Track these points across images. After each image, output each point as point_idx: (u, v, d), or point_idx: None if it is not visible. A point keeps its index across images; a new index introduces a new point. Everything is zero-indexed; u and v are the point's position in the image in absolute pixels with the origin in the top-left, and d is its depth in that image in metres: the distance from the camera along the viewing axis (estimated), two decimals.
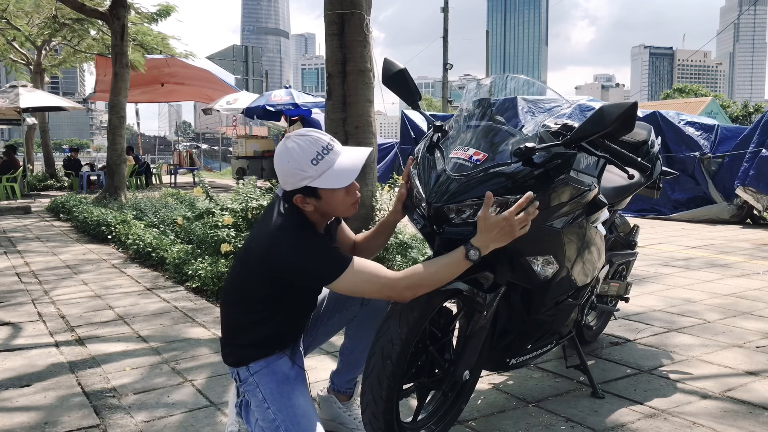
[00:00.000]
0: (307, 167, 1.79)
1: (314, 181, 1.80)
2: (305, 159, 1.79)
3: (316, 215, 1.90)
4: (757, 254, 6.20)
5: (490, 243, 1.83)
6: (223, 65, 24.45)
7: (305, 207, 1.86)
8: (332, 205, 1.86)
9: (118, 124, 11.18)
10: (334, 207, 1.88)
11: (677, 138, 9.72)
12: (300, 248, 1.80)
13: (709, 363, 2.98)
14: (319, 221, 1.93)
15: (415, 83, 2.31)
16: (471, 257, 1.82)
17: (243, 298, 1.94)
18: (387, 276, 1.82)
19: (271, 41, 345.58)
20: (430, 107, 60.92)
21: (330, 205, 1.86)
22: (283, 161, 1.83)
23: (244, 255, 1.94)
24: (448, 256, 1.85)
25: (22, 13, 16.28)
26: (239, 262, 1.99)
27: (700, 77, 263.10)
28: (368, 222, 4.62)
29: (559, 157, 2.01)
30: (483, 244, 1.83)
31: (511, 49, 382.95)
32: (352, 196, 1.90)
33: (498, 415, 2.42)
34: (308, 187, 1.82)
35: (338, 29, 4.66)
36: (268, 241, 1.84)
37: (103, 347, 3.33)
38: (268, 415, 1.87)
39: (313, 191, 1.83)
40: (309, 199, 1.84)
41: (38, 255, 6.44)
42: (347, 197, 1.88)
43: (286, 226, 1.85)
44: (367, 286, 1.81)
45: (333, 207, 1.87)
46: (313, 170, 1.80)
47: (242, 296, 1.95)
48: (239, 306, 1.96)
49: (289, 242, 1.81)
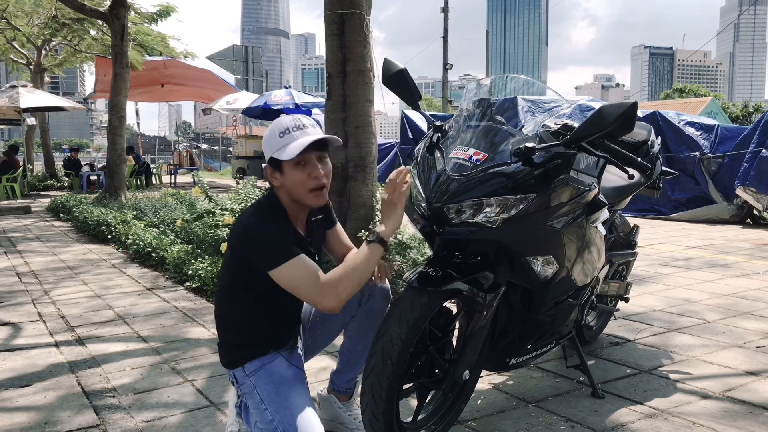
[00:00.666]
0: (275, 139, 1.89)
1: (275, 152, 1.88)
2: (276, 132, 1.89)
3: (285, 197, 1.94)
4: (757, 254, 6.20)
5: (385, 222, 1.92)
6: (223, 65, 24.45)
7: (273, 181, 1.94)
8: (293, 183, 1.90)
9: (118, 124, 11.18)
10: (295, 186, 1.90)
11: (677, 138, 9.71)
12: (256, 227, 1.86)
13: (709, 363, 2.98)
14: (291, 207, 1.95)
15: (415, 83, 2.31)
16: (370, 239, 1.90)
17: (227, 292, 2.00)
18: (321, 278, 1.84)
19: (271, 41, 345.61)
20: (430, 107, 60.91)
21: (291, 183, 1.90)
22: (267, 134, 1.95)
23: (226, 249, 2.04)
24: (358, 250, 1.93)
25: (22, 13, 16.28)
26: (223, 258, 2.07)
27: (700, 77, 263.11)
28: (368, 222, 4.62)
29: (559, 157, 2.01)
30: (379, 225, 1.92)
31: (511, 49, 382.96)
32: (313, 180, 1.90)
33: (498, 415, 2.42)
34: (273, 158, 1.90)
35: (338, 29, 4.66)
36: (237, 220, 1.97)
37: (103, 347, 3.33)
38: (265, 416, 1.87)
39: (278, 164, 1.90)
40: (276, 174, 1.91)
41: (38, 255, 6.44)
42: (308, 180, 1.89)
43: (256, 207, 1.96)
44: (304, 283, 1.82)
45: (294, 186, 1.90)
46: (278, 142, 1.88)
47: (226, 291, 2.00)
48: (225, 302, 2.01)
49: (249, 220, 1.90)
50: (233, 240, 1.93)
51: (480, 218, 1.94)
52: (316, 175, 1.90)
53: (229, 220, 4.92)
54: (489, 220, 1.94)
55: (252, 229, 1.86)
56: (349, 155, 4.62)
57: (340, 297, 1.83)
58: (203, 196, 5.64)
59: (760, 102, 59.26)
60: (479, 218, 1.94)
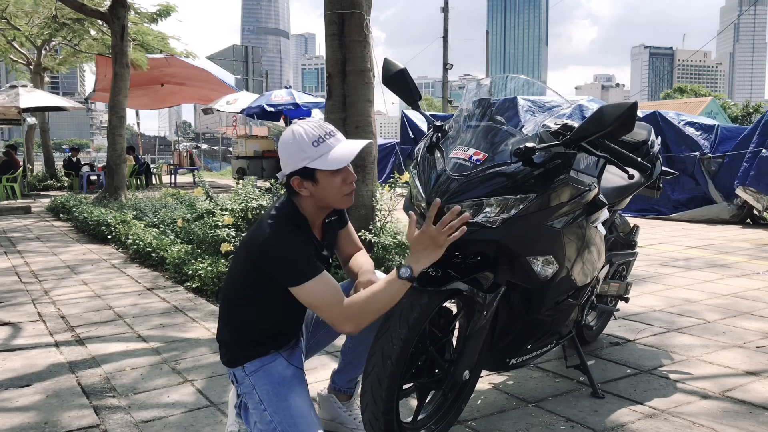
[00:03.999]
0: (308, 148, 1.83)
1: (313, 162, 1.83)
2: (308, 141, 1.84)
3: (310, 206, 1.91)
4: (758, 254, 6.20)
5: (420, 258, 1.80)
6: (223, 65, 24.41)
7: (301, 191, 1.88)
8: (328, 190, 1.87)
9: (118, 124, 11.18)
10: (330, 193, 1.88)
11: (677, 138, 9.71)
12: (278, 242, 1.82)
13: (709, 363, 2.98)
14: (312, 214, 1.94)
15: (415, 83, 2.31)
16: (402, 275, 1.79)
17: (234, 293, 1.98)
18: (342, 303, 1.81)
19: (271, 41, 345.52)
20: (430, 107, 60.92)
21: (325, 191, 1.87)
22: (287, 143, 1.88)
23: (238, 248, 2.01)
24: (384, 280, 1.83)
25: (22, 13, 16.27)
26: (234, 257, 2.04)
27: (700, 77, 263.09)
28: (368, 222, 4.62)
29: (559, 157, 2.01)
30: (413, 260, 1.81)
31: (511, 49, 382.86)
32: (348, 185, 1.90)
33: (498, 415, 2.42)
34: (306, 168, 1.85)
35: (338, 29, 4.65)
36: (255, 227, 1.91)
37: (103, 347, 3.33)
38: (265, 416, 1.87)
39: (311, 174, 1.85)
40: (306, 183, 1.87)
41: (38, 255, 6.44)
42: (343, 186, 1.88)
43: (275, 216, 1.90)
44: (324, 304, 1.80)
45: (328, 193, 1.88)
46: (313, 151, 1.83)
47: (233, 291, 1.99)
48: (231, 301, 1.99)
49: (270, 230, 1.84)
50: (253, 251, 1.86)
51: (480, 218, 1.94)
52: (351, 180, 1.90)
53: (229, 220, 4.92)
54: (489, 220, 1.94)
55: (274, 245, 1.81)
56: None
57: (359, 324, 1.82)
58: (204, 196, 5.63)
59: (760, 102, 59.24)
60: (479, 218, 1.94)
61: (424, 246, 1.80)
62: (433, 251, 1.80)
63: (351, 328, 1.83)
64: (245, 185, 5.51)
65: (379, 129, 12.45)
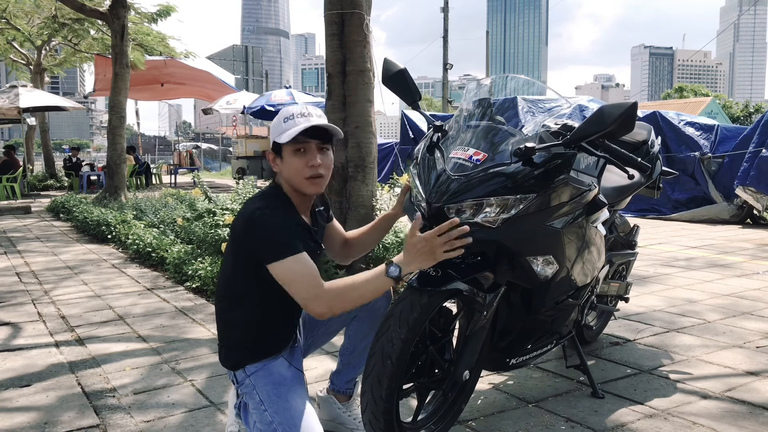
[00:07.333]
0: (280, 124, 1.90)
1: (277, 136, 1.90)
2: (282, 117, 1.91)
3: (287, 187, 1.96)
4: (758, 254, 6.20)
5: (412, 261, 1.79)
6: (223, 65, 24.41)
7: (274, 167, 1.96)
8: (291, 170, 1.91)
9: (118, 124, 11.18)
10: (292, 173, 1.91)
11: (677, 138, 9.72)
12: (261, 216, 1.84)
13: (709, 363, 2.98)
14: (294, 196, 1.96)
15: (415, 83, 2.31)
16: (391, 274, 1.77)
17: (228, 289, 1.98)
18: (320, 282, 1.80)
19: (271, 41, 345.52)
20: (430, 107, 60.91)
21: (289, 170, 1.91)
22: (274, 120, 1.97)
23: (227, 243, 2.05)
24: (370, 272, 1.82)
25: (22, 13, 16.28)
26: (224, 254, 2.06)
27: (700, 77, 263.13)
28: (368, 222, 4.61)
29: (559, 157, 2.01)
30: (405, 261, 1.79)
31: (511, 49, 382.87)
32: (310, 168, 1.90)
33: (498, 415, 2.42)
34: (275, 143, 1.92)
35: (338, 29, 4.65)
36: (242, 208, 1.95)
37: (103, 347, 3.33)
38: (265, 417, 1.87)
39: (278, 149, 1.92)
40: (277, 159, 1.94)
41: (38, 255, 6.44)
42: (305, 168, 1.89)
43: (261, 195, 1.96)
44: (300, 281, 1.78)
45: (291, 173, 1.91)
46: (281, 127, 1.90)
47: (227, 288, 1.99)
48: (226, 301, 1.99)
49: (254, 205, 1.89)
50: (237, 229, 1.91)
51: (480, 218, 1.94)
52: (313, 164, 1.90)
53: (229, 220, 4.92)
54: (489, 220, 1.93)
55: (258, 218, 1.83)
56: (349, 155, 4.62)
57: (332, 309, 1.79)
58: (203, 196, 5.64)
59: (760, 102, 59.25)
60: (479, 218, 1.93)
61: (420, 251, 1.78)
62: (426, 259, 1.79)
63: (323, 310, 1.78)
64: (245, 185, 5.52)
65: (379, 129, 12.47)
